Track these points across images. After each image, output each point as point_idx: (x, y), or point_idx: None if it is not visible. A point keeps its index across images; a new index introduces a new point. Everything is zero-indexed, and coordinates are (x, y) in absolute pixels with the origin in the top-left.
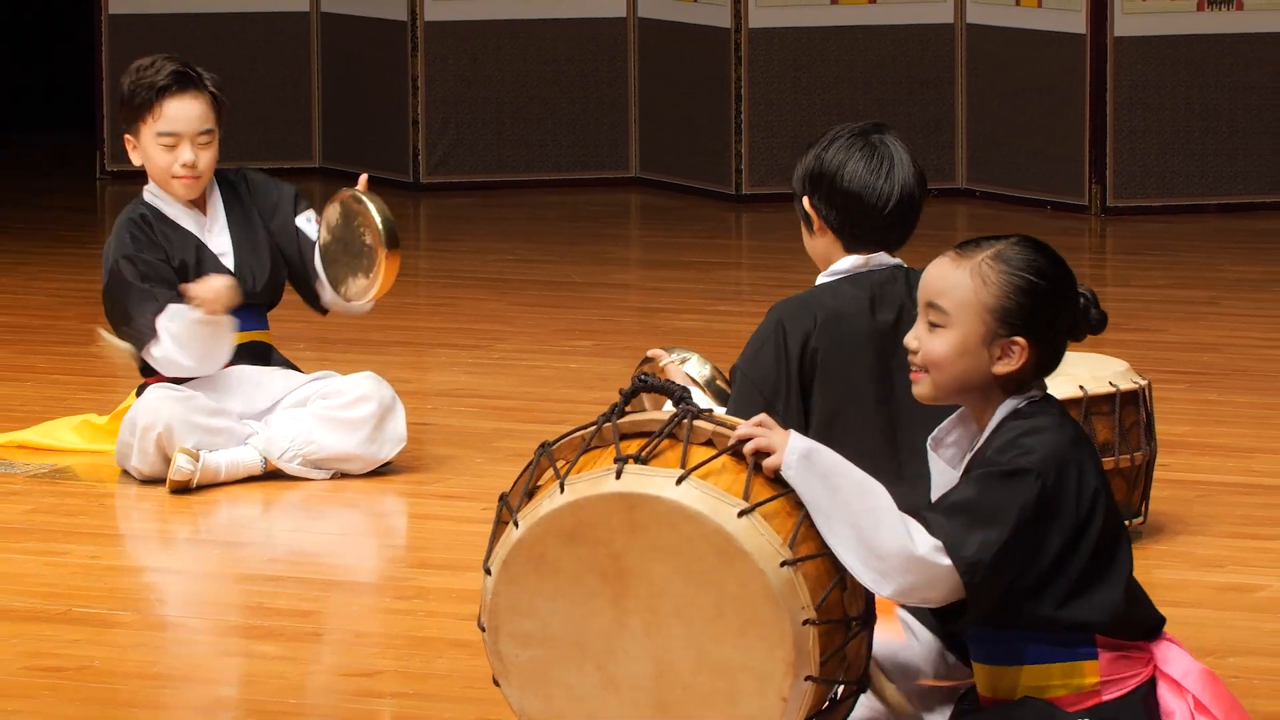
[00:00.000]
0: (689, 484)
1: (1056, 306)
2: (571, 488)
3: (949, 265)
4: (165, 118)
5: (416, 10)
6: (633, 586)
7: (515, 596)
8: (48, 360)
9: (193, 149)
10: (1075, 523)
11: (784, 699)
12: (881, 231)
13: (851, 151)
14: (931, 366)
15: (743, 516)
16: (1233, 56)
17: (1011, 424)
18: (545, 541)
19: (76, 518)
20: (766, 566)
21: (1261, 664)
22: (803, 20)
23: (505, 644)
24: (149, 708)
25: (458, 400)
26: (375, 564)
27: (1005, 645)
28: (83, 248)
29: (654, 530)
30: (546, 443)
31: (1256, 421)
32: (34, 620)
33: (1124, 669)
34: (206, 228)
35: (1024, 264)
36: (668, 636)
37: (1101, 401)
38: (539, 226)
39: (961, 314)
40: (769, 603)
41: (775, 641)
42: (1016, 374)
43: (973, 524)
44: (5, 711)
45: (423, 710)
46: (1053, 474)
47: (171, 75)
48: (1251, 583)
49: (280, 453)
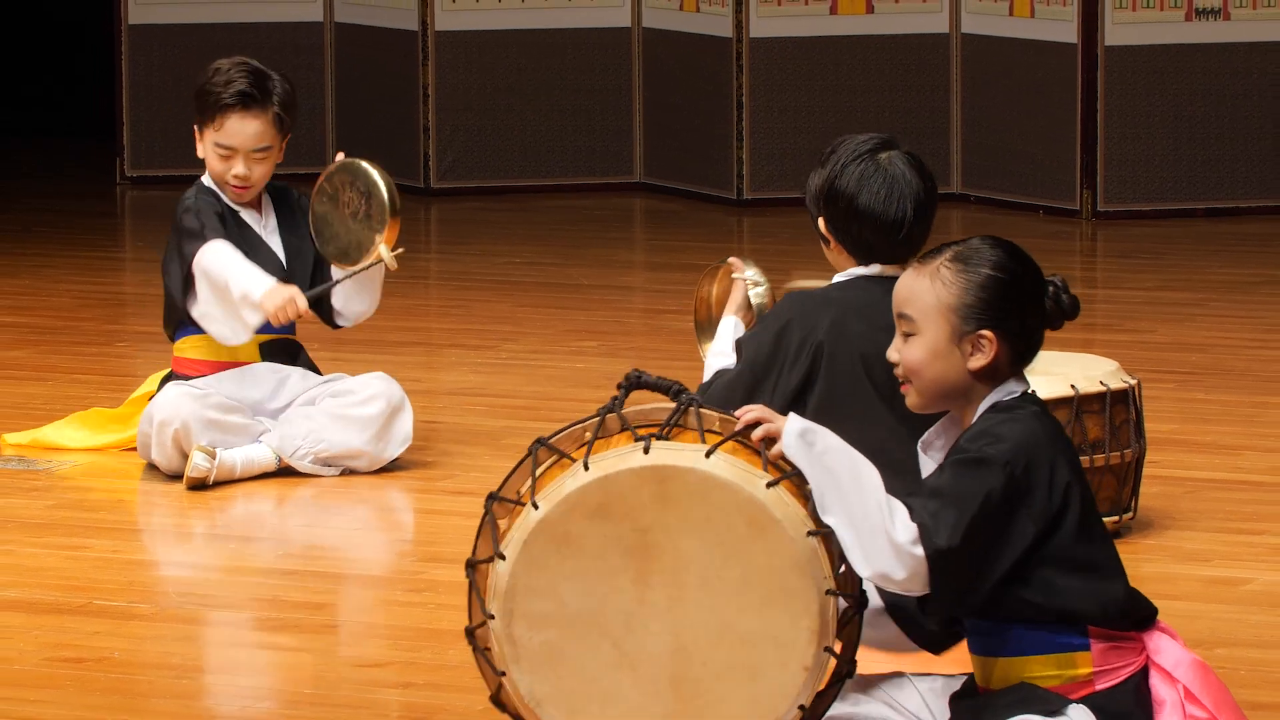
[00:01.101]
0: (717, 456)
1: (1019, 296)
2: (597, 465)
3: (911, 275)
4: (225, 131)
5: (427, 20)
6: (657, 561)
7: (534, 578)
8: (69, 360)
9: (246, 164)
10: (1049, 513)
11: (806, 668)
12: (896, 249)
13: (863, 179)
14: (912, 375)
15: (770, 487)
16: (1220, 65)
17: (989, 415)
18: (570, 519)
19: (97, 513)
20: (795, 534)
21: (1248, 655)
22: (802, 30)
23: (519, 628)
24: (167, 697)
25: (467, 399)
26: (387, 558)
27: (1000, 637)
28: (103, 251)
29: (684, 502)
30: (541, 438)
31: (1243, 420)
32: (56, 612)
33: (1116, 659)
34: (263, 225)
35: (980, 260)
36: (690, 610)
37: (1092, 400)
38: (546, 230)
39: (927, 318)
40: (797, 571)
41: (800, 611)
42: (991, 367)
43: (943, 508)
44: (28, 701)
45: (433, 700)
46: (1022, 463)
47: (237, 95)
48: (1238, 576)
49: (293, 451)
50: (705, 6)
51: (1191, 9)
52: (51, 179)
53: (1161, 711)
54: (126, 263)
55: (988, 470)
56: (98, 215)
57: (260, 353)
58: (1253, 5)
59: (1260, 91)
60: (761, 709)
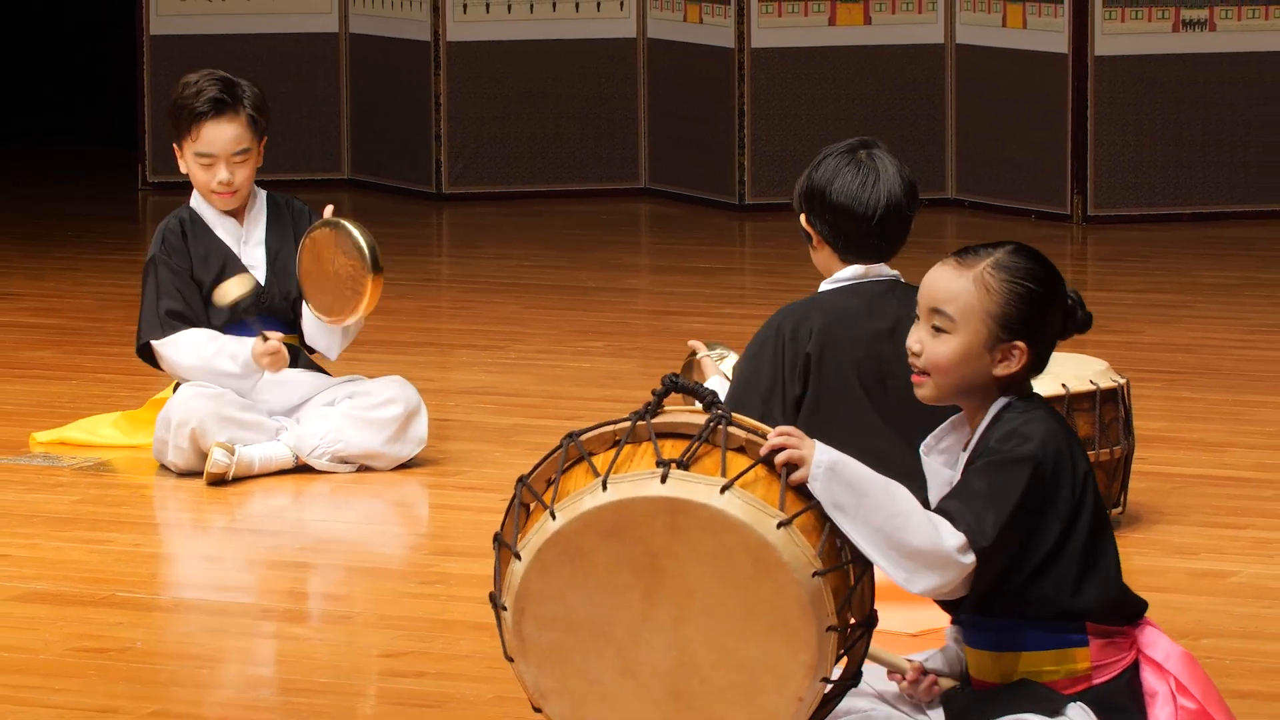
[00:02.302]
0: (732, 493)
1: (1052, 310)
2: (615, 487)
3: (952, 273)
4: (203, 140)
5: (439, 31)
6: (665, 583)
7: (545, 583)
8: (93, 360)
9: (228, 168)
10: (1071, 506)
11: (800, 699)
12: (872, 239)
13: (840, 168)
14: (935, 370)
15: (781, 528)
16: (1206, 74)
17: (1007, 416)
18: (584, 535)
19: (120, 508)
20: (801, 577)
21: (1234, 645)
22: (802, 40)
23: (528, 625)
24: (188, 686)
25: (478, 397)
26: (401, 551)
27: (1002, 632)
28: (126, 254)
29: (694, 535)
30: (574, 432)
31: (1228, 417)
32: (80, 604)
33: (1112, 654)
34: (242, 239)
35: (1024, 272)
36: (693, 631)
37: (1083, 399)
38: (554, 234)
39: (967, 320)
40: (800, 610)
41: (800, 646)
42: (1015, 375)
43: (985, 509)
44: (53, 689)
45: (446, 689)
46: (1050, 460)
47: (209, 102)
48: (1224, 569)
49: (310, 449)
50: (708, 18)
51: (1178, 20)
52: (76, 185)
53: (1154, 703)
54: None
55: (1023, 468)
56: (120, 220)
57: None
58: (1237, 17)
59: (1244, 100)
60: None
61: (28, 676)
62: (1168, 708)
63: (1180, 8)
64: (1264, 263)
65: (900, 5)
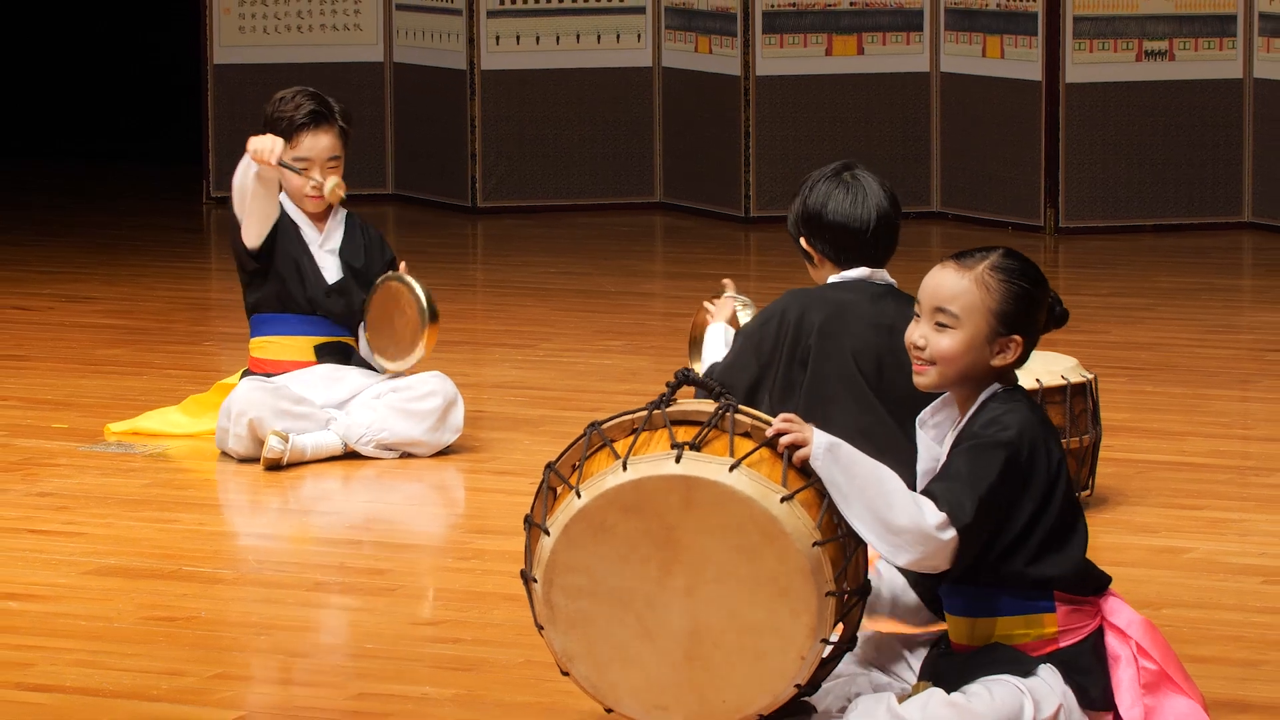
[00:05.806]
0: (740, 471)
1: (1040, 307)
2: (634, 467)
3: (953, 275)
4: (302, 147)
5: (475, 61)
6: (681, 554)
7: (572, 555)
8: (162, 357)
9: (322, 173)
10: (1045, 488)
11: (802, 657)
12: (869, 249)
13: (831, 191)
14: (940, 361)
15: (784, 502)
16: (1166, 99)
17: (991, 405)
18: (607, 511)
19: (185, 490)
20: (802, 546)
21: (1190, 615)
22: (802, 69)
23: (557, 595)
24: (247, 651)
25: (509, 391)
26: (439, 530)
27: (979, 600)
28: (191, 261)
29: (706, 509)
30: (596, 422)
31: (1186, 409)
32: (150, 577)
33: (1078, 620)
34: (319, 243)
35: (1018, 273)
36: (706, 598)
37: (1055, 392)
38: (577, 244)
39: (970, 317)
40: (802, 577)
41: (801, 609)
42: (1009, 365)
43: (965, 489)
44: (126, 654)
45: (480, 654)
46: (1026, 446)
47: (309, 114)
48: (1181, 545)
49: (358, 437)
50: (717, 48)
51: (1141, 51)
52: (146, 199)
53: (1117, 665)
54: (211, 272)
55: (1000, 453)
56: (186, 231)
57: (316, 354)
58: (1195, 48)
59: (1201, 123)
60: (763, 686)
61: (104, 643)
62: (1130, 669)
63: (1143, 39)
64: (1218, 269)
65: (890, 38)
